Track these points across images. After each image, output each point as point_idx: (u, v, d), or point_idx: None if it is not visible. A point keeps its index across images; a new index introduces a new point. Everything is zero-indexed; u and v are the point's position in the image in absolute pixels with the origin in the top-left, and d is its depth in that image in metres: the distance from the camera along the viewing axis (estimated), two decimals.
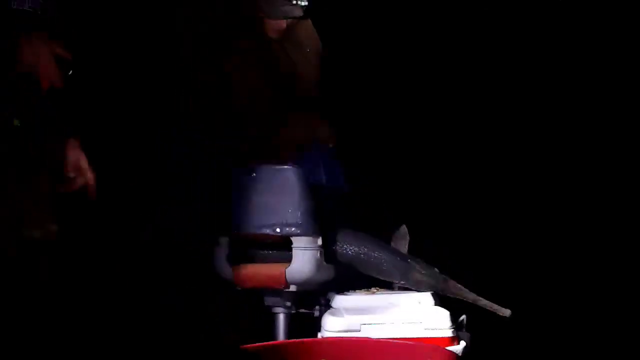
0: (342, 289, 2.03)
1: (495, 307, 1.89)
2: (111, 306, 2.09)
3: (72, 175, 1.52)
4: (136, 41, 2.29)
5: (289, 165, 1.98)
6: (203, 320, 2.09)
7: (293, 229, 1.93)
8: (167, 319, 2.09)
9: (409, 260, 1.98)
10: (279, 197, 1.95)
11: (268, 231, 1.95)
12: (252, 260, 1.95)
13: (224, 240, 2.00)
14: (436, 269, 1.97)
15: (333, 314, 1.80)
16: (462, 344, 1.76)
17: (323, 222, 1.96)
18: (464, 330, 1.86)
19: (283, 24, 2.22)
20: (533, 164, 3.48)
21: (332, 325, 1.75)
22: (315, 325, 1.93)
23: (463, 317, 1.89)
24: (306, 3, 2.17)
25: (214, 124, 2.19)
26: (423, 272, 1.95)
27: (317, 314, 1.98)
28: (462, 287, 1.94)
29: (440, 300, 1.90)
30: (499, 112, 3.48)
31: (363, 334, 1.71)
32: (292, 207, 1.94)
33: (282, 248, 1.97)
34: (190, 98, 2.22)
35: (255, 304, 1.99)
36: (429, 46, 3.44)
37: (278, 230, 1.94)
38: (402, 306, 1.85)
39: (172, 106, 2.22)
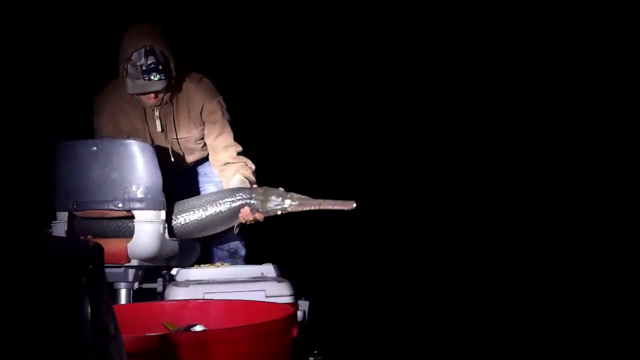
0: (187, 264, 2.04)
1: (339, 203, 1.96)
2: None
3: None
4: None
5: (132, 139, 1.96)
6: None
7: (136, 204, 1.91)
8: None
9: (248, 192, 2.01)
10: (122, 172, 1.92)
11: (110, 206, 1.92)
12: (92, 235, 1.91)
13: (62, 216, 1.94)
14: (281, 188, 2.01)
15: (176, 285, 1.79)
16: (302, 310, 1.83)
17: (168, 195, 1.95)
18: (303, 299, 1.93)
19: (151, 97, 2.07)
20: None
21: (175, 295, 1.74)
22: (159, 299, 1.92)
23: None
24: (162, 78, 1.98)
25: None
26: (270, 195, 1.98)
27: (160, 288, 1.96)
28: (307, 197, 1.99)
29: (282, 272, 1.97)
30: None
31: None
32: (136, 182, 1.91)
33: (123, 222, 1.95)
34: None
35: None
36: (425, 45, 3.42)
37: (120, 205, 1.91)
38: (245, 276, 1.89)
39: None
